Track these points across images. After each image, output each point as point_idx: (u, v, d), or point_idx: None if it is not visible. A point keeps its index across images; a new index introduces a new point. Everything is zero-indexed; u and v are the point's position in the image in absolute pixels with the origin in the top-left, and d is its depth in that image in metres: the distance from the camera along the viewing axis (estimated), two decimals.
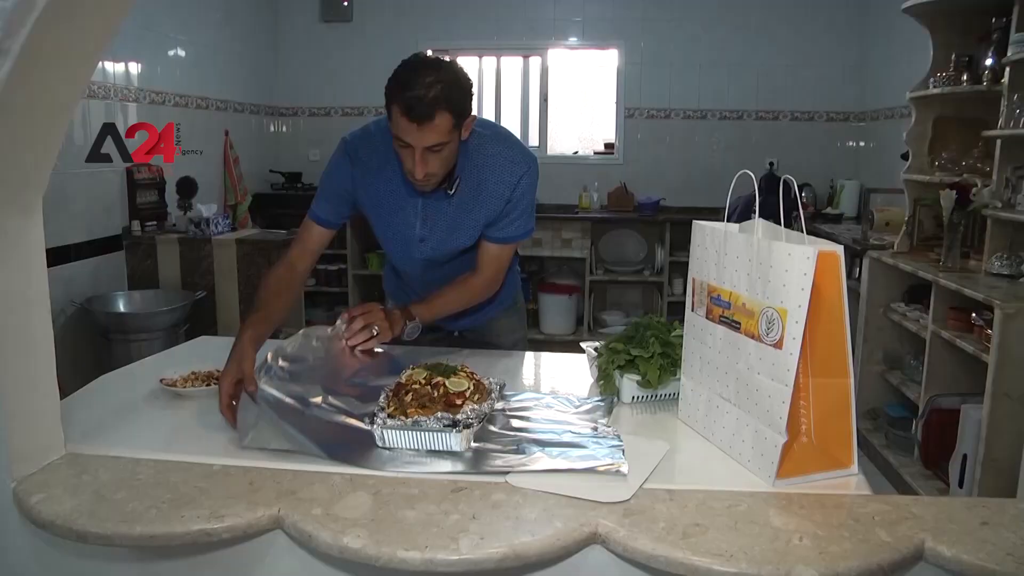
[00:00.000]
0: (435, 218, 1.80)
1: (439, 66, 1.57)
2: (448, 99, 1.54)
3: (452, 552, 1.01)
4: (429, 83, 1.52)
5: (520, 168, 1.78)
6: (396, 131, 1.57)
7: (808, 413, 1.26)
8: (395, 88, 1.54)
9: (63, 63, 1.13)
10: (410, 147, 1.58)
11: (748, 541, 1.04)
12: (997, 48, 3.07)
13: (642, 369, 1.55)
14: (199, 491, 1.16)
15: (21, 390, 1.22)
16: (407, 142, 1.57)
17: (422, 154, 1.58)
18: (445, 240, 1.82)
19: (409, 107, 1.52)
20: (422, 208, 1.79)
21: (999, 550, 1.03)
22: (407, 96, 1.52)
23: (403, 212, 1.80)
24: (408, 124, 1.53)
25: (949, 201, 3.01)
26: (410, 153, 1.59)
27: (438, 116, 1.53)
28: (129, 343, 3.42)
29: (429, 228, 1.81)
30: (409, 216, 1.80)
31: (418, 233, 1.82)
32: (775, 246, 1.20)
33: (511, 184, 1.77)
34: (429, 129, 1.54)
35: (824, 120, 5.47)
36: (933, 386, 2.98)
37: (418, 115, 1.52)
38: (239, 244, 3.87)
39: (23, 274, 1.21)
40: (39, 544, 1.20)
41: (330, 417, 1.37)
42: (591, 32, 5.54)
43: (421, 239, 1.82)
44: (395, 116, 1.55)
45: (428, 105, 1.52)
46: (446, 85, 1.54)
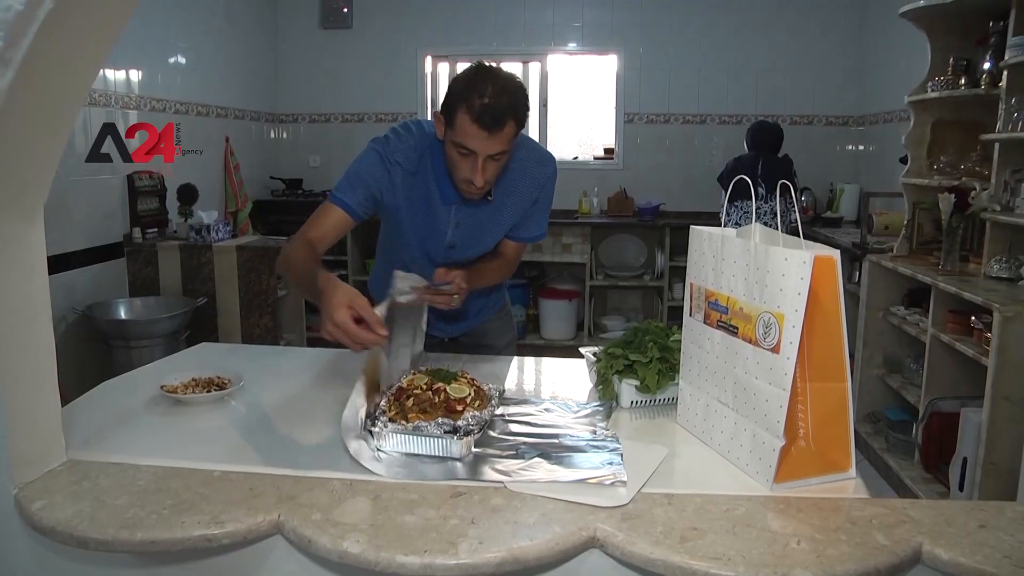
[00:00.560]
0: (467, 224, 1.80)
1: (506, 75, 1.58)
2: (515, 108, 1.56)
3: (451, 556, 1.02)
4: (500, 91, 1.53)
5: (548, 168, 1.83)
6: (460, 138, 1.57)
7: (806, 417, 1.26)
8: (466, 95, 1.54)
9: (64, 72, 1.14)
10: (472, 154, 1.58)
11: (746, 545, 1.04)
12: (995, 52, 3.08)
13: (640, 374, 1.55)
14: (199, 497, 1.17)
15: (23, 397, 1.22)
16: (471, 149, 1.57)
17: (484, 162, 1.59)
18: (472, 245, 1.84)
19: (481, 114, 1.52)
20: (455, 215, 1.78)
21: (996, 553, 1.03)
22: (480, 104, 1.52)
23: (435, 219, 1.79)
24: (478, 131, 1.54)
25: (948, 204, 3.02)
26: (471, 161, 1.59)
27: (507, 125, 1.55)
28: (130, 350, 3.43)
29: (460, 235, 1.81)
30: (441, 223, 1.79)
31: (449, 240, 1.82)
32: (772, 251, 1.21)
33: (540, 184, 1.81)
34: (497, 137, 1.55)
35: (823, 124, 5.48)
36: (933, 389, 2.98)
37: (489, 123, 1.53)
38: (240, 251, 3.88)
39: (25, 281, 1.22)
40: (40, 550, 1.21)
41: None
42: (590, 37, 5.56)
43: (451, 246, 1.83)
44: (462, 123, 1.55)
45: (500, 113, 1.53)
46: (514, 94, 1.56)
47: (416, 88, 5.68)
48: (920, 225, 3.46)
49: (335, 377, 1.80)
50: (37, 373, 1.26)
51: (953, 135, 3.46)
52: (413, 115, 5.68)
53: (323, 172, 5.78)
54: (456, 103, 1.55)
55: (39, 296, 1.25)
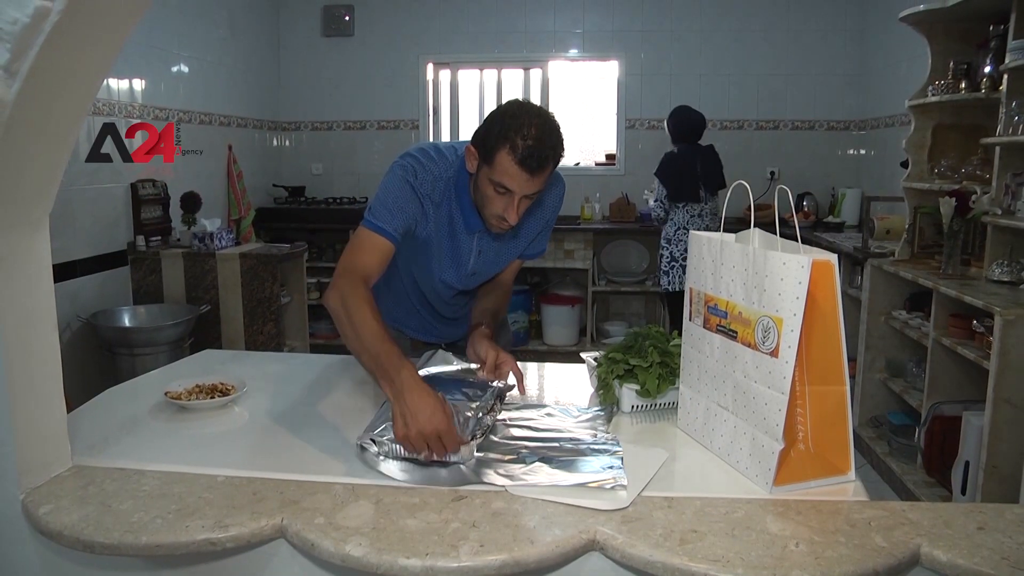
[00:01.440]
0: (487, 251, 1.81)
1: (547, 114, 1.57)
2: (556, 149, 1.56)
3: (452, 559, 1.03)
4: (544, 133, 1.52)
5: (559, 188, 1.85)
6: (499, 177, 1.54)
7: (805, 420, 1.27)
8: (509, 135, 1.51)
9: (69, 82, 1.15)
10: (509, 193, 1.56)
11: (745, 547, 1.05)
12: (995, 55, 3.09)
13: (641, 378, 1.56)
14: (203, 501, 1.18)
15: (29, 404, 1.24)
16: (510, 189, 1.55)
17: (520, 200, 1.57)
18: (490, 270, 1.86)
19: (526, 157, 1.50)
20: (476, 243, 1.78)
21: (995, 555, 1.04)
22: (524, 146, 1.50)
23: (460, 248, 1.78)
24: (519, 172, 1.52)
25: (949, 208, 3.02)
26: (508, 199, 1.57)
27: (548, 166, 1.55)
28: (134, 357, 3.44)
29: (481, 262, 1.82)
30: (464, 252, 1.79)
31: (471, 268, 1.82)
32: (770, 255, 1.22)
33: (553, 206, 1.85)
34: (538, 179, 1.55)
35: (824, 129, 5.49)
36: (935, 393, 2.98)
37: (534, 166, 1.51)
38: (243, 258, 3.89)
39: (30, 289, 1.23)
40: (47, 554, 1.22)
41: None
42: (591, 44, 5.58)
43: (472, 273, 1.83)
44: (503, 163, 1.52)
45: (544, 156, 1.52)
46: (555, 136, 1.55)
47: (418, 95, 5.70)
48: (921, 229, 3.47)
49: (338, 383, 1.81)
50: (43, 380, 1.27)
51: (954, 139, 3.47)
52: (415, 122, 5.70)
53: (325, 179, 5.81)
54: (498, 142, 1.52)
55: (44, 304, 1.26)
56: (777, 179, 5.42)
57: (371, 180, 5.57)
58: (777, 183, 5.29)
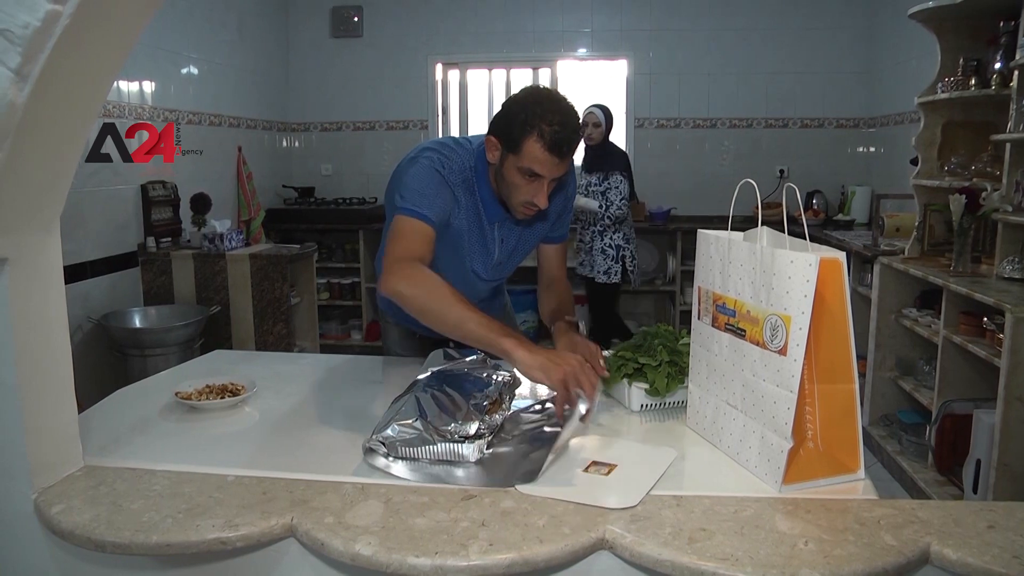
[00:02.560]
0: (508, 240, 1.83)
1: (563, 98, 1.59)
2: (578, 132, 1.59)
3: (462, 558, 1.03)
4: (567, 117, 1.55)
5: (573, 175, 1.86)
6: (529, 164, 1.56)
7: (814, 419, 1.27)
8: (536, 122, 1.54)
9: (80, 85, 1.16)
10: (539, 179, 1.59)
11: (754, 545, 1.05)
12: (1005, 51, 3.07)
13: (650, 377, 1.56)
14: (214, 501, 1.19)
15: (41, 405, 1.25)
16: (540, 174, 1.58)
17: (549, 185, 1.61)
18: (514, 260, 1.88)
19: (557, 142, 1.53)
20: (498, 232, 1.80)
21: (1005, 553, 1.03)
22: (552, 131, 1.53)
23: (484, 239, 1.80)
24: (550, 157, 1.55)
25: (959, 206, 3.01)
26: (538, 184, 1.60)
27: (575, 149, 1.59)
28: (145, 358, 3.46)
29: (505, 251, 1.84)
30: (488, 243, 1.80)
31: (497, 257, 1.83)
32: (778, 254, 1.22)
33: (568, 193, 1.86)
34: (567, 161, 1.59)
35: (834, 127, 5.47)
36: (946, 391, 2.96)
37: (564, 150, 1.55)
38: (253, 259, 3.91)
39: (41, 291, 1.24)
40: (59, 553, 1.23)
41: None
42: (600, 43, 5.58)
43: (498, 263, 1.85)
44: (531, 150, 1.55)
45: (571, 139, 1.56)
46: (575, 117, 1.58)
47: (427, 95, 5.71)
48: (931, 227, 3.45)
49: (347, 383, 1.82)
50: (54, 381, 1.28)
51: (964, 136, 3.45)
52: (424, 122, 5.71)
53: (335, 180, 5.82)
54: (524, 130, 1.54)
55: (56, 306, 1.27)
56: (786, 177, 5.40)
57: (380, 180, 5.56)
58: (786, 181, 5.25)
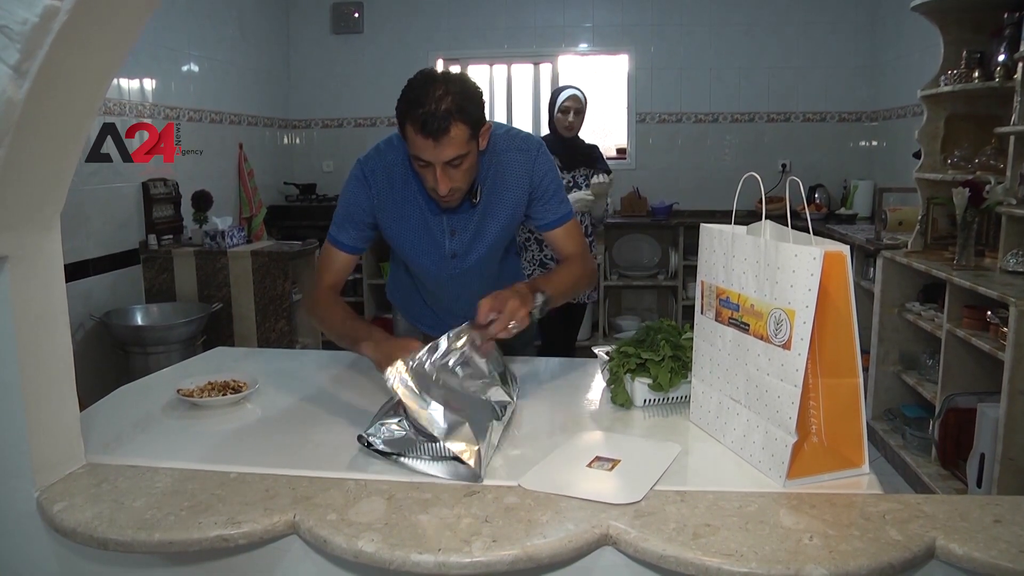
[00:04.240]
0: (462, 231, 1.78)
1: (446, 78, 1.55)
2: (461, 110, 1.52)
3: (465, 555, 1.02)
4: (439, 96, 1.50)
5: (531, 155, 1.77)
6: (413, 150, 1.56)
7: (818, 413, 1.26)
8: (406, 107, 1.53)
9: (79, 82, 1.15)
10: (430, 165, 1.56)
11: (758, 541, 1.05)
12: (1009, 44, 3.05)
13: (653, 372, 1.56)
14: (216, 498, 1.18)
15: (43, 403, 1.24)
16: (426, 160, 1.56)
17: (443, 170, 1.57)
18: (473, 250, 1.82)
19: (423, 124, 1.50)
20: (447, 223, 1.77)
21: (1012, 547, 1.03)
22: (419, 113, 1.50)
23: (429, 231, 1.78)
24: (424, 141, 1.52)
25: (962, 199, 3.00)
26: (431, 171, 1.58)
27: (453, 129, 1.52)
28: (147, 355, 3.46)
29: (458, 242, 1.79)
30: (436, 235, 1.78)
31: (448, 249, 1.80)
32: (782, 247, 1.21)
33: (528, 171, 1.77)
34: (446, 143, 1.52)
35: (836, 120, 5.45)
36: (949, 385, 2.96)
37: (433, 130, 1.50)
38: (254, 256, 3.91)
39: (43, 289, 1.24)
40: (61, 551, 1.23)
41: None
42: (601, 38, 5.56)
43: (452, 255, 1.81)
44: (410, 135, 1.54)
45: (442, 119, 1.50)
46: (456, 96, 1.52)
47: None
48: (934, 220, 3.43)
49: (350, 379, 1.81)
50: (56, 379, 1.28)
51: (967, 129, 3.44)
52: None
53: (337, 177, 5.81)
54: (402, 117, 1.54)
55: (57, 304, 1.27)
56: (789, 171, 5.39)
57: None
58: (789, 175, 5.26)
